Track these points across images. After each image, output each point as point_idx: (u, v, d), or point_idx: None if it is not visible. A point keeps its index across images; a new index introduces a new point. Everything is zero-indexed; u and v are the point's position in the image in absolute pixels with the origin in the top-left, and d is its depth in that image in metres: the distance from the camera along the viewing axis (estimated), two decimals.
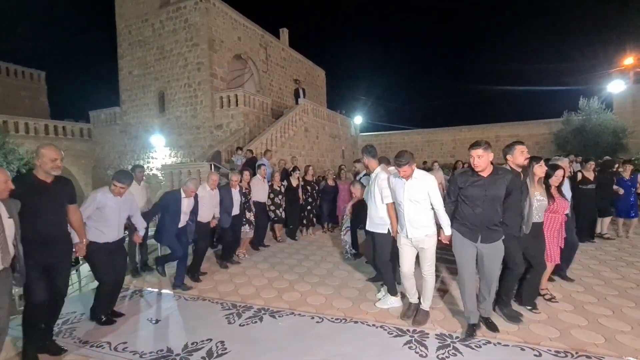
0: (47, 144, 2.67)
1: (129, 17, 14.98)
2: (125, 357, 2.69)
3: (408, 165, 2.83)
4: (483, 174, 2.71)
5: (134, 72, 14.97)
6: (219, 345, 2.78)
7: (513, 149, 3.05)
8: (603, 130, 14.22)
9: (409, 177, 2.88)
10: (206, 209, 4.45)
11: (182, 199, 4.05)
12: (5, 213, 2.18)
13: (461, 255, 2.83)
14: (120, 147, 15.55)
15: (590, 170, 5.45)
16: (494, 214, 2.69)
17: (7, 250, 2.16)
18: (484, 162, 2.65)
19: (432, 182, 2.93)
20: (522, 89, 32.39)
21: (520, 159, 3.01)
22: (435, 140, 19.56)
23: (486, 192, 2.67)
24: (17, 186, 2.31)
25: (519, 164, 3.02)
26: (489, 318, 2.93)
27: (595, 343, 2.67)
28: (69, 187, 2.80)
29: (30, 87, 20.61)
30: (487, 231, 2.71)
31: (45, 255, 2.57)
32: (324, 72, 23.14)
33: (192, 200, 4.18)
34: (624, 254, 4.98)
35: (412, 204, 2.93)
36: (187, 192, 4.07)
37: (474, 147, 2.68)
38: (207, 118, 13.30)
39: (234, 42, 14.58)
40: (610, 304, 3.35)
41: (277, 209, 6.23)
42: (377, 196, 3.36)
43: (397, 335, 2.88)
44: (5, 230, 2.16)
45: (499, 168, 2.79)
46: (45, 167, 2.56)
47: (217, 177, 4.65)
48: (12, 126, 13.30)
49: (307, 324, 3.13)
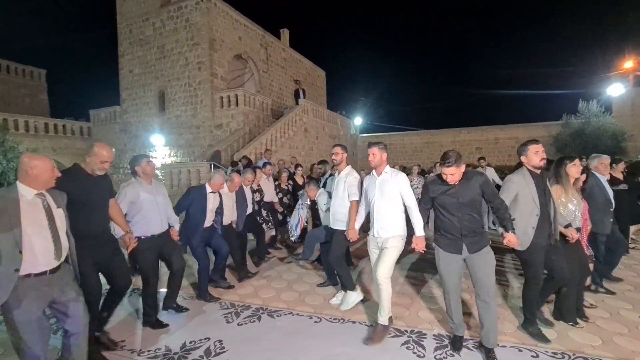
0: (103, 144, 2.62)
1: (130, 16, 14.99)
2: (123, 355, 2.69)
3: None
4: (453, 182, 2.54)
5: (135, 71, 14.98)
6: (217, 344, 2.78)
7: (526, 150, 2.72)
8: (602, 133, 14.24)
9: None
10: (226, 210, 4.16)
11: (207, 195, 3.78)
12: (53, 203, 2.02)
13: (444, 271, 2.61)
14: (120, 146, 15.54)
15: (619, 172, 4.78)
16: (472, 220, 2.51)
17: (59, 243, 1.98)
18: (457, 177, 2.48)
19: (404, 180, 2.88)
20: (521, 92, 32.47)
21: (535, 160, 2.68)
22: (434, 142, 19.58)
23: (459, 199, 2.50)
24: (66, 179, 2.20)
25: (535, 165, 2.70)
26: (491, 351, 2.50)
27: (593, 345, 2.68)
28: (110, 181, 2.76)
29: (30, 85, 20.58)
30: (469, 239, 2.50)
31: (98, 252, 2.54)
32: (324, 73, 23.16)
33: (218, 197, 3.91)
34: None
35: (382, 201, 2.87)
36: (215, 186, 3.80)
37: (446, 165, 2.44)
38: (207, 117, 13.30)
39: (234, 42, 14.60)
40: (607, 306, 3.36)
41: (286, 209, 6.10)
42: (343, 193, 3.38)
43: (395, 335, 2.88)
44: (56, 221, 2.00)
45: (468, 172, 2.58)
46: (94, 165, 2.53)
47: (239, 178, 4.34)
48: (12, 124, 13.28)
49: (305, 324, 3.14)
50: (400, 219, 2.89)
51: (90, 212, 2.49)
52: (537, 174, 2.72)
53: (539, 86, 41.68)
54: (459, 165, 2.45)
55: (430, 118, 40.82)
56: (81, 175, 2.51)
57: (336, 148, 3.51)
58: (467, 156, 14.98)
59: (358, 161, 19.72)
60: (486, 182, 2.55)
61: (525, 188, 2.68)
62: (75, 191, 2.31)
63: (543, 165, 2.71)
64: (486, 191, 2.53)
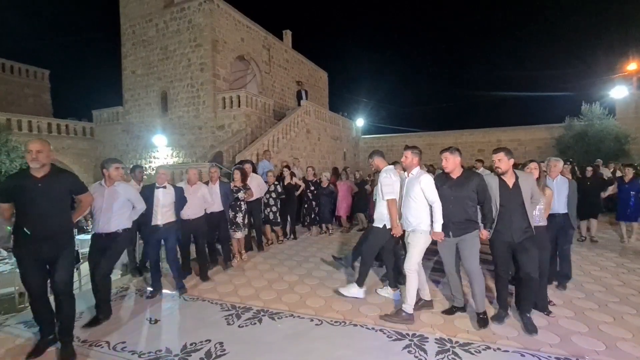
0: (36, 139, 2.67)
1: (133, 17, 15.05)
2: (123, 356, 2.68)
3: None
4: (452, 176, 3.13)
5: (137, 71, 15.03)
6: (217, 346, 2.78)
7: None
8: (605, 136, 14.16)
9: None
10: (192, 204, 4.33)
11: (155, 190, 3.91)
12: None
13: (441, 250, 3.25)
14: (123, 147, 15.58)
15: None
16: (461, 212, 3.02)
17: None
18: (450, 164, 3.09)
19: (425, 180, 3.15)
20: (523, 94, 32.36)
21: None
22: (436, 144, 19.50)
23: (454, 192, 3.05)
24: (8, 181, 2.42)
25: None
26: (481, 313, 3.06)
27: (596, 350, 2.65)
28: (69, 181, 2.78)
29: (34, 85, 20.66)
30: (454, 225, 3.04)
31: (39, 250, 2.62)
32: (327, 74, 23.15)
33: (171, 191, 4.02)
34: (625, 261, 4.95)
35: (408, 199, 3.22)
36: (159, 180, 3.99)
37: (443, 151, 3.17)
38: (209, 118, 13.32)
39: (237, 43, 14.63)
40: (611, 310, 3.34)
41: (266, 208, 6.17)
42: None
43: (397, 339, 2.87)
44: None
45: (470, 173, 3.21)
46: (29, 163, 2.57)
47: (193, 172, 4.55)
48: (15, 124, 13.34)
49: (306, 326, 3.13)
50: (424, 216, 3.14)
51: (30, 210, 2.56)
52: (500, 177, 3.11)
53: (542, 88, 41.48)
54: (452, 153, 3.09)
55: (432, 120, 40.62)
56: (25, 177, 2.59)
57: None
58: (470, 158, 14.90)
59: (360, 162, 19.70)
60: (481, 185, 3.04)
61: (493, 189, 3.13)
62: (16, 192, 2.52)
63: (499, 171, 3.08)
64: (480, 192, 3.04)
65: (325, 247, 6.07)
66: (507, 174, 3.03)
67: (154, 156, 14.76)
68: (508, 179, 3.03)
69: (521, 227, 2.94)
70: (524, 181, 3.02)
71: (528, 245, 2.93)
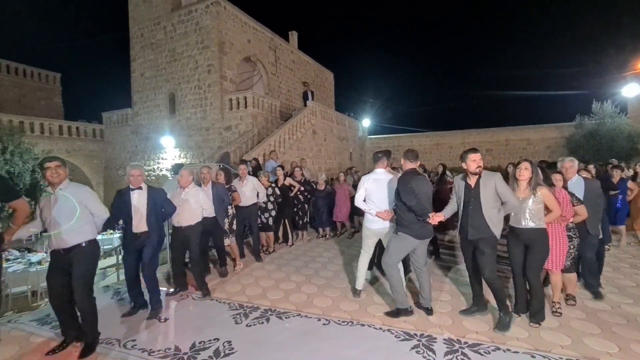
0: None
1: (142, 20, 15.26)
2: (134, 354, 2.72)
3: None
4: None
5: (146, 74, 15.23)
6: (226, 345, 2.80)
7: (466, 157, 3.12)
8: (617, 134, 13.90)
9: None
10: (179, 209, 3.79)
11: (130, 193, 3.33)
12: None
13: (418, 249, 3.40)
14: (132, 148, 15.80)
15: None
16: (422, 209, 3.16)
17: None
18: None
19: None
20: (533, 93, 31.92)
21: (472, 166, 3.05)
22: (443, 144, 19.38)
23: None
24: None
25: (471, 171, 3.07)
26: (428, 308, 3.32)
27: (609, 352, 2.61)
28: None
29: (45, 89, 21.09)
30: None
31: None
32: (333, 75, 23.16)
33: (144, 193, 3.36)
34: (638, 262, 4.85)
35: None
36: (132, 182, 3.35)
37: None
38: (217, 120, 13.43)
39: (243, 45, 14.73)
40: (624, 312, 3.27)
41: (263, 213, 5.67)
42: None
43: (405, 339, 2.85)
44: None
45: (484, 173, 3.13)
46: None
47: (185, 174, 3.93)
48: (27, 126, 13.63)
49: (313, 326, 3.13)
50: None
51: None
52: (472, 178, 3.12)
53: (551, 87, 40.95)
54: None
55: (439, 119, 40.42)
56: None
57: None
58: None
59: (366, 162, 19.66)
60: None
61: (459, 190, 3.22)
62: None
63: (479, 172, 3.06)
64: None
65: (331, 248, 6.04)
66: (472, 175, 3.09)
67: (162, 157, 14.93)
68: (472, 179, 3.10)
69: (474, 225, 3.00)
70: (487, 181, 2.99)
71: (482, 246, 2.98)
